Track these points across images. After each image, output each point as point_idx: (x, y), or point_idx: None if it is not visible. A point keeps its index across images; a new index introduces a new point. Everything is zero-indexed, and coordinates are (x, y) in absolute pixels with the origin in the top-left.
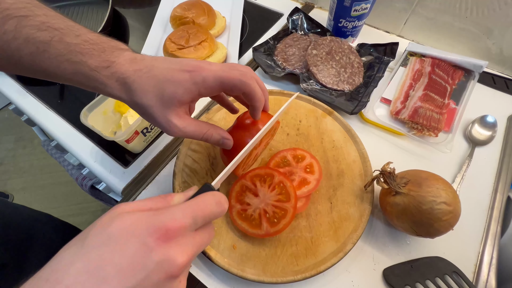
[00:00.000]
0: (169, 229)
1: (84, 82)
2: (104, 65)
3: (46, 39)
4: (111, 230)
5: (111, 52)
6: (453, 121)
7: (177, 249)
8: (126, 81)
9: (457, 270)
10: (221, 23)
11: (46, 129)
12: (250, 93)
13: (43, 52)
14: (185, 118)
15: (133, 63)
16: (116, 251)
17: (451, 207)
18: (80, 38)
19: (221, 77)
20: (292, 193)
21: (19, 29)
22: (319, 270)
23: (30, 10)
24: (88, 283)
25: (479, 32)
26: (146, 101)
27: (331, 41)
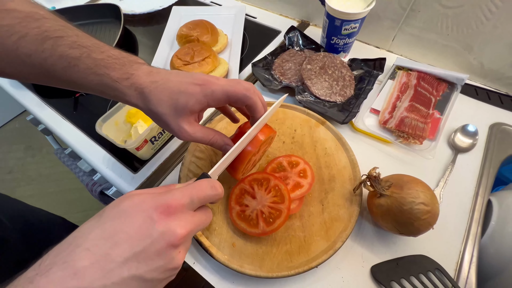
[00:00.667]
0: (170, 206)
1: (106, 91)
2: (124, 76)
3: (77, 55)
4: (122, 206)
5: (131, 66)
6: (438, 129)
7: (176, 223)
8: (143, 91)
9: (440, 267)
10: (223, 40)
11: (62, 137)
12: (252, 106)
13: (74, 66)
14: (195, 125)
15: (149, 75)
16: (127, 222)
17: (429, 207)
18: (105, 54)
19: (228, 91)
20: (286, 195)
21: (55, 48)
22: (311, 266)
23: (64, 31)
24: (103, 246)
25: (460, 48)
26: (161, 109)
27: (324, 56)
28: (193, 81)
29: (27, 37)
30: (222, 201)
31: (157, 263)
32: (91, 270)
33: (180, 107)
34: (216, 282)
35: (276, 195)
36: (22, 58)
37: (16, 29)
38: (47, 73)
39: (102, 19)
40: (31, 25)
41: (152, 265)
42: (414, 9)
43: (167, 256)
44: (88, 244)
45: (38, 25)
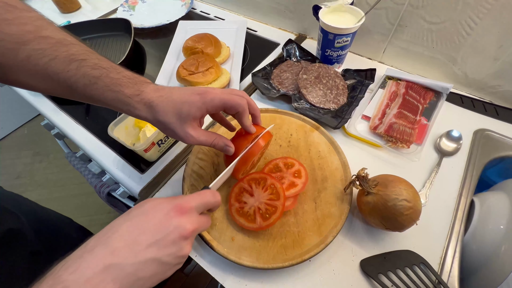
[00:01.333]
0: (183, 207)
1: (120, 106)
2: (136, 93)
3: (97, 75)
4: (146, 207)
5: (141, 84)
6: (424, 135)
7: (187, 220)
8: (151, 104)
9: (425, 261)
10: (226, 52)
11: (75, 140)
12: (242, 113)
13: (94, 84)
14: (198, 130)
15: (156, 91)
16: (149, 218)
17: (411, 203)
18: (120, 75)
19: (224, 99)
20: (282, 193)
21: (79, 68)
22: (304, 258)
23: (87, 55)
24: (133, 234)
25: (445, 60)
26: (167, 119)
27: (319, 67)
28: (193, 92)
29: (56, 59)
30: (223, 199)
31: (171, 249)
32: (124, 250)
33: (184, 115)
34: (216, 273)
35: (272, 193)
36: (51, 76)
37: (48, 53)
38: (71, 89)
39: (114, 32)
40: (60, 49)
41: (168, 251)
42: (402, 25)
43: (179, 245)
44: (121, 232)
45: (67, 49)
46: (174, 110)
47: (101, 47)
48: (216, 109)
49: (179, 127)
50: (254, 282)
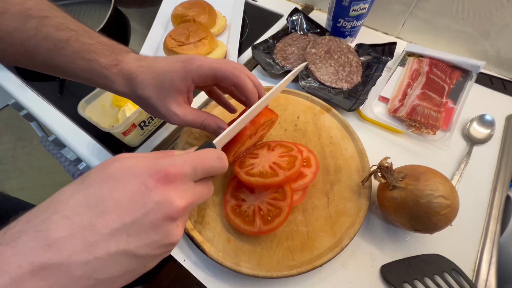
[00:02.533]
0: (169, 173)
1: (94, 78)
2: (113, 63)
3: (64, 37)
4: (111, 170)
5: (119, 53)
6: (451, 119)
7: (176, 193)
8: (130, 76)
9: (457, 268)
10: (222, 22)
11: (45, 123)
12: (240, 85)
13: (60, 49)
14: (185, 107)
15: (137, 61)
16: (116, 188)
17: (449, 201)
18: (94, 40)
19: (214, 68)
20: (289, 192)
21: (39, 28)
22: (315, 265)
23: (50, 12)
24: (87, 215)
25: (476, 34)
26: (147, 92)
27: (330, 40)
28: (177, 59)
29: (7, 14)
30: (218, 192)
31: (151, 237)
32: (70, 242)
33: (166, 87)
34: (208, 281)
35: (277, 191)
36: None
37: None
38: (28, 54)
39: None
40: (12, 1)
41: (146, 239)
42: None
43: (163, 229)
44: (67, 211)
45: (21, 1)
46: (154, 81)
47: (77, 15)
48: (204, 79)
49: (160, 102)
50: None
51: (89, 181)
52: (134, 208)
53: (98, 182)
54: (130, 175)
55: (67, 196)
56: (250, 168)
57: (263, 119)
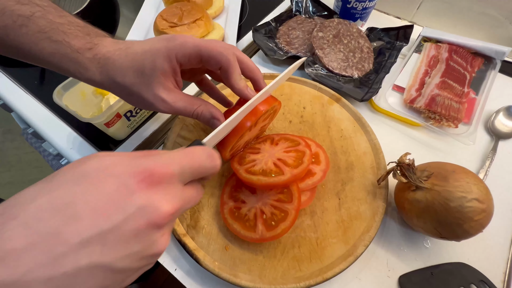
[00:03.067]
0: (154, 173)
1: (63, 64)
2: (87, 46)
3: (26, 13)
4: (85, 168)
5: (95, 36)
6: (473, 112)
7: (162, 196)
8: (106, 62)
9: (484, 278)
10: (219, 3)
11: (22, 114)
12: (226, 69)
13: (20, 27)
14: (175, 92)
15: (115, 44)
16: (90, 190)
17: (484, 205)
18: (65, 19)
19: (199, 45)
20: (296, 193)
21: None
22: (325, 277)
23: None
24: (52, 221)
25: (500, 17)
26: (128, 79)
27: (339, 23)
28: (159, 38)
29: None
30: (214, 192)
31: (131, 247)
32: (29, 254)
33: (148, 70)
34: None
35: (282, 191)
36: None
37: None
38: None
39: None
40: None
41: (125, 249)
42: None
43: (146, 238)
44: (27, 217)
45: None
46: (135, 65)
47: None
48: (188, 58)
49: (145, 89)
50: None
51: (58, 180)
52: (111, 213)
53: (69, 182)
54: (108, 175)
55: (28, 199)
56: (251, 165)
57: (265, 108)
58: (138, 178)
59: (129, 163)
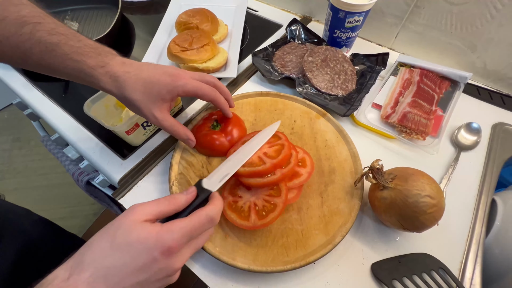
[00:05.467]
0: (170, 248)
1: (82, 77)
2: (100, 64)
3: (55, 41)
4: (131, 239)
5: (106, 56)
6: (440, 126)
7: (175, 260)
8: (118, 79)
9: (444, 266)
10: (223, 30)
11: (49, 121)
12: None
13: (51, 51)
14: (165, 114)
15: (123, 65)
16: (134, 258)
17: (435, 200)
18: (82, 43)
19: (196, 87)
20: (284, 189)
21: (33, 33)
22: (308, 260)
23: (42, 18)
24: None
25: (464, 47)
26: (135, 96)
27: (326, 50)
28: (165, 72)
29: (6, 21)
30: None
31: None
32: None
33: (154, 96)
34: (205, 276)
35: (273, 188)
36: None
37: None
38: (23, 56)
39: (99, 4)
40: (10, 9)
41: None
42: (419, 6)
43: (164, 281)
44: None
45: (17, 10)
46: (143, 89)
47: (84, 20)
48: (187, 94)
49: (145, 106)
50: (249, 286)
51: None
52: (144, 272)
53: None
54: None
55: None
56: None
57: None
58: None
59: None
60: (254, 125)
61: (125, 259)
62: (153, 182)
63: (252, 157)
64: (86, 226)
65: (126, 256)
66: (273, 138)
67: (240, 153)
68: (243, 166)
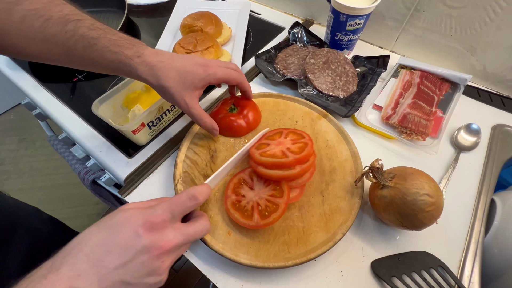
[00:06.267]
0: (153, 222)
1: (121, 67)
2: (136, 55)
3: (95, 35)
4: (117, 219)
5: (139, 46)
6: (440, 127)
7: (160, 238)
8: (153, 68)
9: (443, 264)
10: (227, 33)
11: (57, 121)
12: (243, 84)
13: (93, 45)
14: (195, 102)
15: (156, 55)
16: (117, 234)
17: (434, 199)
18: (117, 35)
19: (226, 74)
20: (286, 190)
21: (76, 29)
22: (309, 257)
23: (81, 15)
24: (99, 253)
25: (463, 50)
26: (169, 83)
27: (328, 52)
28: (196, 63)
29: (52, 20)
30: (220, 187)
31: (141, 271)
32: (90, 273)
33: (188, 84)
34: (208, 271)
35: (275, 189)
36: (47, 37)
37: (42, 13)
38: (68, 51)
39: (106, 8)
40: (54, 9)
41: (137, 273)
42: (419, 9)
43: (150, 266)
44: (88, 249)
45: (60, 9)
46: (177, 77)
47: None
48: (217, 81)
49: (178, 93)
50: (251, 282)
51: (102, 226)
52: (128, 250)
53: (107, 228)
54: (128, 224)
55: (87, 238)
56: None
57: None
58: (144, 227)
59: (138, 216)
60: None
61: (108, 237)
62: (158, 180)
63: (274, 150)
64: None
65: (109, 234)
66: (296, 136)
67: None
68: (265, 156)
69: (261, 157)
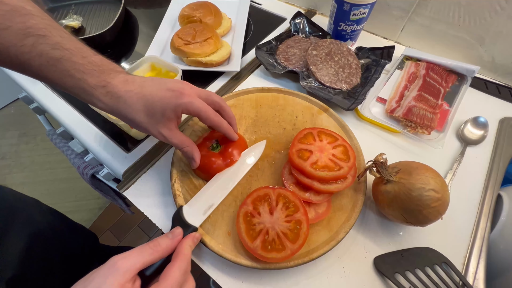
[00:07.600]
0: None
1: (81, 94)
2: (101, 84)
3: (57, 56)
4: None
5: (108, 74)
6: (446, 121)
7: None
8: (119, 100)
9: (447, 260)
10: (227, 24)
11: (55, 115)
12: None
13: (51, 66)
14: (173, 131)
15: (125, 84)
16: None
17: (439, 194)
18: (86, 60)
19: (201, 110)
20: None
21: (36, 45)
22: (311, 257)
23: (49, 31)
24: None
25: (471, 40)
26: (138, 118)
27: (331, 43)
28: (167, 88)
29: (8, 30)
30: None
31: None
32: None
33: (158, 116)
34: (208, 267)
35: (292, 229)
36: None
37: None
38: (22, 66)
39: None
40: (15, 19)
41: None
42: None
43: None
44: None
45: (23, 20)
46: (146, 109)
47: (88, 14)
48: (189, 114)
49: (151, 126)
50: (252, 279)
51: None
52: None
53: None
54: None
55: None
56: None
57: None
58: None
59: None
60: (255, 121)
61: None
62: (156, 175)
63: (323, 159)
64: (92, 220)
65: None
66: (330, 138)
67: (224, 178)
68: (319, 168)
69: (316, 171)
